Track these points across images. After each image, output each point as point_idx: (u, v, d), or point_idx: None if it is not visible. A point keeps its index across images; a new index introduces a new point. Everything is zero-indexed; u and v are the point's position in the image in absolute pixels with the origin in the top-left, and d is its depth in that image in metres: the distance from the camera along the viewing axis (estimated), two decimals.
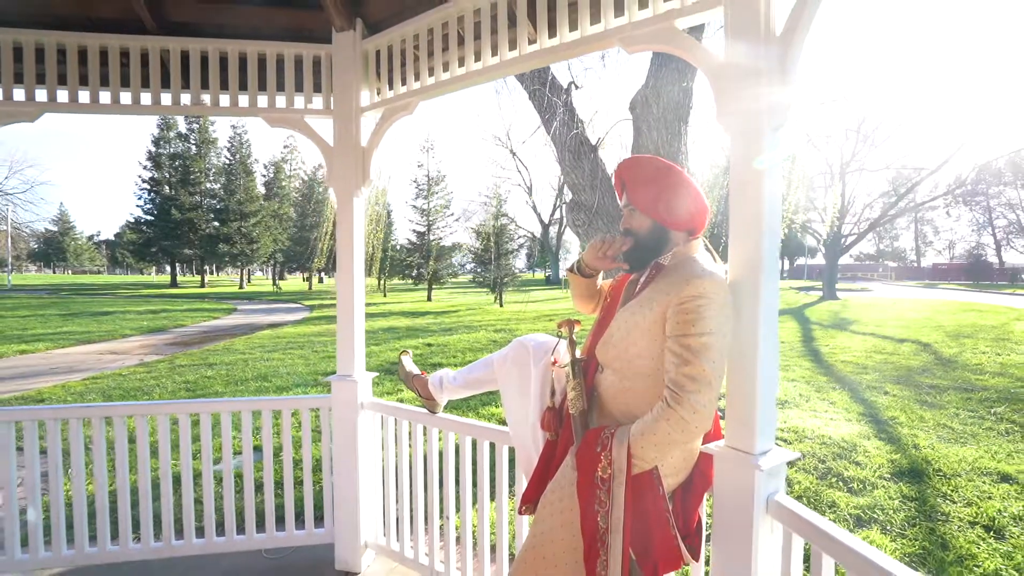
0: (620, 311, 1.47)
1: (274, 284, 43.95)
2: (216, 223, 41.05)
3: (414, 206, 25.81)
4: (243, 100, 2.40)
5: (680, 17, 1.50)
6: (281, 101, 2.42)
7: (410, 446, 2.31)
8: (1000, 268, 48.23)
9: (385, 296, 27.06)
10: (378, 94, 2.38)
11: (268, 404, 2.47)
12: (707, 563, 1.51)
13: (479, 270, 22.58)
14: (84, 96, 2.28)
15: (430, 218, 25.20)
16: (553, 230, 44.48)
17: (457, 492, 2.24)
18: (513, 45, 1.92)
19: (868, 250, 66.31)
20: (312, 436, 2.59)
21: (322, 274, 46.49)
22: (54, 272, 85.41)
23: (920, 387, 5.89)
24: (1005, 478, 3.34)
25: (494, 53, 1.98)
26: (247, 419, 2.41)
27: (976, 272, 45.57)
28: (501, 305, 19.87)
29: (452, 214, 26.64)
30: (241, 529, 2.52)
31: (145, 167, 40.92)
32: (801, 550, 1.29)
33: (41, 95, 2.26)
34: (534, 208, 41.72)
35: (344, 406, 2.38)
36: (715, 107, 1.41)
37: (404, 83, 2.27)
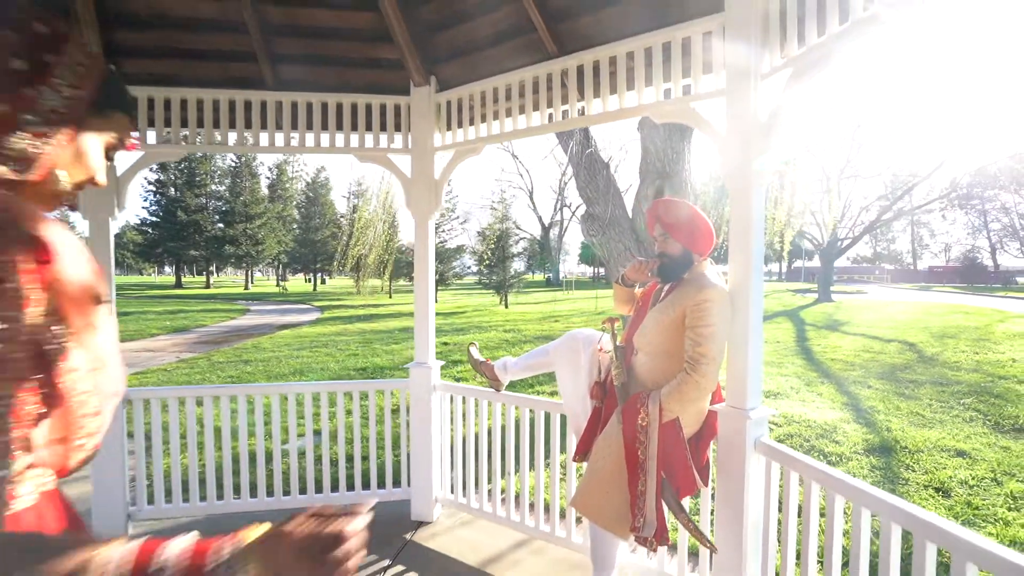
0: (651, 311, 2.07)
1: (278, 284, 44.46)
2: (221, 224, 41.58)
3: None
4: (339, 140, 2.98)
5: (695, 101, 2.10)
6: (369, 141, 3.01)
7: (476, 420, 2.90)
8: (995, 271, 48.92)
9: (391, 298, 27.62)
10: (448, 138, 2.97)
11: (357, 386, 3.07)
12: (713, 490, 2.11)
13: (486, 272, 23.18)
14: (220, 136, 2.87)
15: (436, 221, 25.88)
16: (553, 233, 45.06)
17: (516, 454, 2.83)
18: (565, 115, 2.51)
19: (865, 253, 67.10)
20: (385, 414, 3.16)
21: (325, 276, 46.95)
22: None
23: (900, 382, 6.50)
24: (960, 454, 3.95)
25: (549, 120, 2.57)
26: (341, 399, 3.00)
27: (970, 275, 46.26)
28: (507, 307, 20.46)
29: (458, 217, 27.30)
30: (335, 488, 3.12)
31: (151, 169, 41.44)
32: (777, 473, 1.88)
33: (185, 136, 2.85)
34: (535, 211, 42.34)
35: (420, 387, 2.97)
36: (720, 166, 2.01)
37: (473, 128, 2.85)
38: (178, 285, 43.53)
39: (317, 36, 2.82)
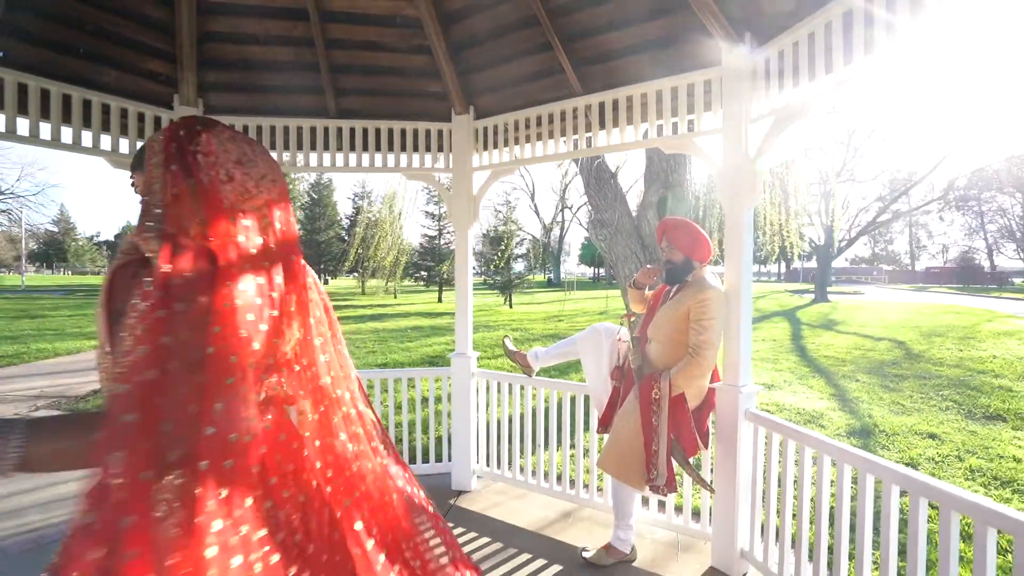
0: (661, 308, 2.55)
1: None
2: None
3: (425, 211, 26.91)
4: (391, 161, 3.46)
5: (697, 136, 2.59)
6: (416, 161, 3.49)
7: (510, 402, 3.38)
8: (991, 272, 49.42)
9: (396, 298, 28.08)
10: (485, 159, 3.45)
11: (406, 373, 3.55)
12: (712, 452, 2.59)
13: (491, 273, 23.67)
14: (289, 157, 3.35)
15: (441, 223, 26.30)
16: (554, 233, 45.51)
17: (546, 431, 3.31)
18: (589, 142, 2.99)
19: (864, 254, 67.66)
20: (430, 399, 3.64)
21: (328, 276, 47.37)
22: (53, 273, 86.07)
23: (886, 376, 6.99)
24: (932, 436, 4.43)
25: (574, 146, 3.05)
26: (391, 384, 3.48)
27: (966, 276, 46.81)
28: (511, 307, 20.94)
29: None
30: None
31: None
32: (763, 436, 2.36)
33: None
34: (536, 212, 42.82)
35: (461, 374, 3.45)
36: (718, 190, 2.49)
37: (507, 151, 3.33)
38: None
39: (375, 73, 3.31)
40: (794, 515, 2.42)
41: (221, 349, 0.77)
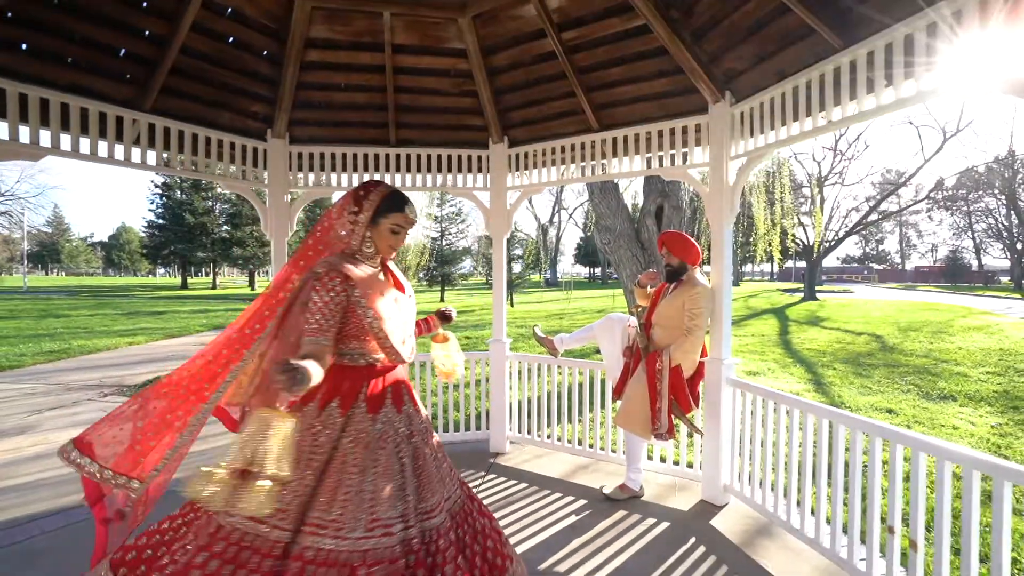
0: (662, 301, 3.31)
1: None
2: (229, 227, 42.50)
3: (428, 213, 27.64)
4: (439, 180, 4.19)
5: (690, 168, 3.35)
6: (460, 181, 4.22)
7: (539, 380, 4.13)
8: (979, 270, 50.61)
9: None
10: (517, 179, 4.19)
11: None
12: (703, 411, 3.35)
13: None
14: (357, 179, 4.08)
15: (443, 224, 27.04)
16: (551, 233, 46.24)
17: (568, 402, 4.06)
18: (604, 169, 3.75)
19: (855, 253, 68.88)
20: (471, 378, 4.36)
21: None
22: (47, 274, 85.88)
23: (860, 365, 7.79)
24: (889, 411, 5.22)
25: (592, 172, 3.80)
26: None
27: (954, 274, 48.00)
28: (512, 305, 21.69)
29: (464, 220, 28.52)
30: (436, 430, 4.34)
31: (158, 173, 42.24)
32: (740, 396, 3.13)
33: (322, 179, 4.07)
34: (533, 212, 43.59)
35: (498, 357, 4.20)
36: (706, 210, 3.26)
37: (536, 173, 4.08)
38: (184, 286, 44.43)
39: (431, 111, 4.04)
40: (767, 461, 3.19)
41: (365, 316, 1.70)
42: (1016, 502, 3.35)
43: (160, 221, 42.25)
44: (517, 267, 30.02)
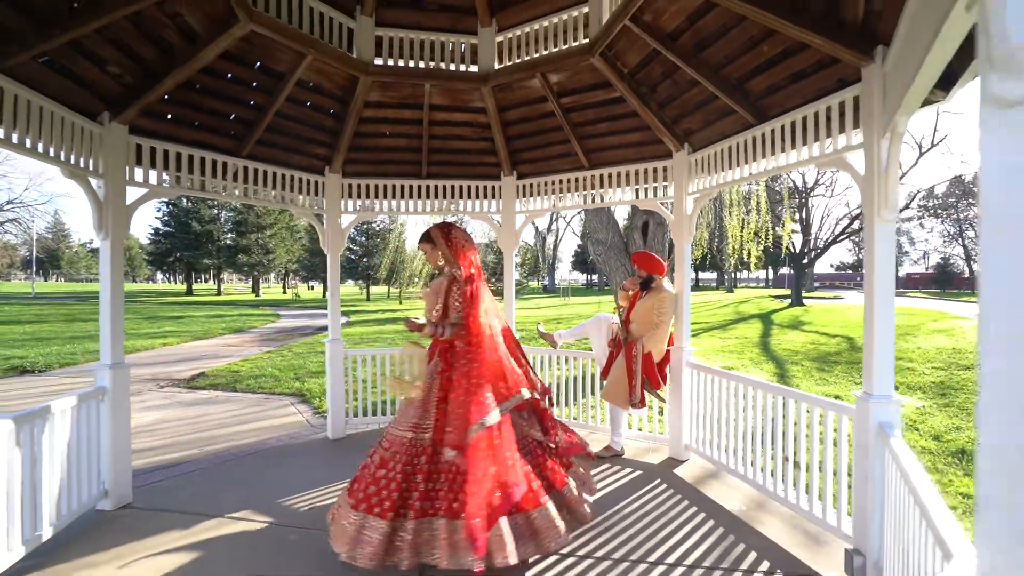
0: (638, 303, 4.29)
1: (285, 291, 46.22)
2: (234, 235, 43.45)
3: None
4: (461, 206, 5.18)
5: (660, 200, 4.34)
6: (477, 207, 5.20)
7: (541, 371, 5.09)
8: (968, 277, 51.79)
9: (401, 303, 29.67)
10: (525, 205, 5.17)
11: None
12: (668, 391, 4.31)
13: (493, 280, 25.40)
14: (395, 205, 5.06)
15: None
16: (548, 241, 47.21)
17: (565, 384, 5.02)
18: (594, 199, 4.73)
19: (848, 260, 70.10)
20: None
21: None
22: (46, 280, 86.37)
23: (826, 362, 8.77)
24: (836, 397, 6.17)
25: (584, 200, 4.79)
26: None
27: (943, 281, 49.17)
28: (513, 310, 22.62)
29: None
30: None
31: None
32: (699, 378, 4.10)
33: (369, 205, 5.04)
34: (533, 223, 44.57)
35: None
36: (672, 232, 4.24)
37: (539, 200, 5.06)
38: (189, 292, 45.28)
39: (455, 152, 5.03)
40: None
41: (477, 308, 2.63)
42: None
43: (167, 228, 43.19)
44: (516, 274, 30.98)
